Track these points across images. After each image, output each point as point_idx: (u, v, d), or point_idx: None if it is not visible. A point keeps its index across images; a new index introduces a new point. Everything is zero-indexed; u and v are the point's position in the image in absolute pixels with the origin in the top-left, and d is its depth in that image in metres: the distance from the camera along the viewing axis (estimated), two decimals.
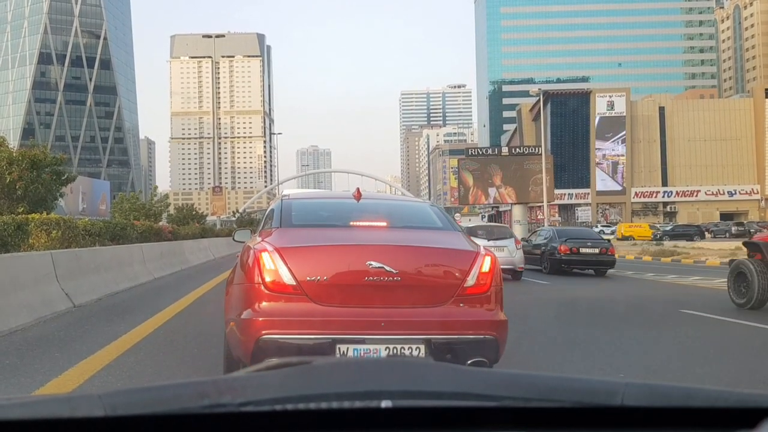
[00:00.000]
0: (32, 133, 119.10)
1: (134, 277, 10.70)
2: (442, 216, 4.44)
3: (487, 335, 3.52)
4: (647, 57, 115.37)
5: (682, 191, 75.69)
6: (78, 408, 0.86)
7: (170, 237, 18.04)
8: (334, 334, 3.35)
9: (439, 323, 3.47)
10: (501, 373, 0.89)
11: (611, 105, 75.37)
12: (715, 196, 75.91)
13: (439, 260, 3.74)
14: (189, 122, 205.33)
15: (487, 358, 3.46)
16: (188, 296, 9.61)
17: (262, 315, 3.41)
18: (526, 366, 4.96)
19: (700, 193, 75.74)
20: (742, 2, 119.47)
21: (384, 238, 3.82)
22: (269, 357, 3.21)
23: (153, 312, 7.72)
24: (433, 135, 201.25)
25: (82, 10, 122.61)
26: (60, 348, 5.54)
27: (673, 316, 8.64)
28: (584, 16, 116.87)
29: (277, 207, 4.38)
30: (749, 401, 0.97)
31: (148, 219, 25.79)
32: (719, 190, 76.27)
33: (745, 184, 77.29)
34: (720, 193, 76.23)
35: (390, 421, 0.89)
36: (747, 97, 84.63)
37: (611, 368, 5.12)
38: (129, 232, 12.87)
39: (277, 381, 0.97)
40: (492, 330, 3.54)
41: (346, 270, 3.52)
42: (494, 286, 3.66)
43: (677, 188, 75.94)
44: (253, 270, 3.51)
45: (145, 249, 12.12)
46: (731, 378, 4.93)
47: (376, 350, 3.36)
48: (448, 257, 3.77)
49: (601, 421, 0.92)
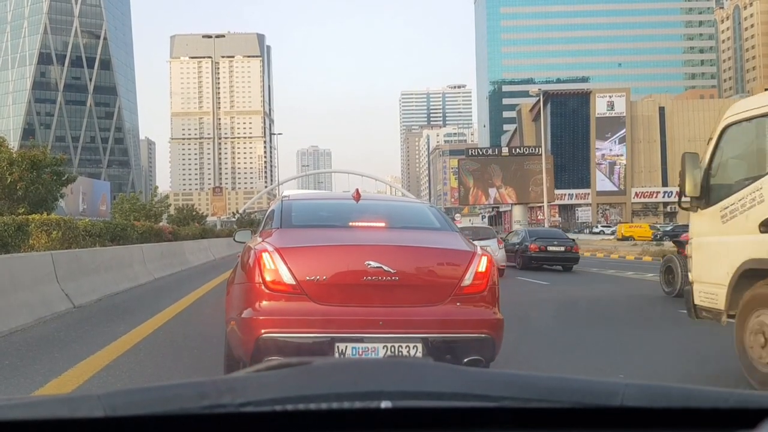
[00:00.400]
0: (32, 134, 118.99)
1: (134, 278, 10.71)
2: (440, 216, 4.51)
3: (483, 334, 3.57)
4: (647, 57, 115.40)
5: None
6: (78, 408, 0.86)
7: (170, 238, 18.07)
8: (333, 332, 3.39)
9: (437, 322, 3.52)
10: (500, 373, 0.90)
11: (611, 105, 75.37)
12: None
13: (437, 260, 3.81)
14: (189, 123, 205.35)
15: (483, 356, 3.52)
16: (188, 297, 9.62)
17: (262, 314, 3.45)
18: (526, 366, 4.96)
19: None
20: (741, 2, 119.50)
21: (382, 238, 3.88)
22: (269, 356, 3.29)
23: (153, 313, 7.71)
24: (433, 135, 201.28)
25: (82, 10, 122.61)
26: (60, 348, 5.55)
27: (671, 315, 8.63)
28: (584, 16, 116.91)
29: (278, 208, 4.44)
30: (749, 401, 0.97)
31: (149, 220, 25.77)
32: None
33: None
34: None
35: (390, 422, 0.89)
36: (747, 97, 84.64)
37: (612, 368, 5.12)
38: (129, 232, 12.88)
39: (276, 381, 0.97)
40: (488, 329, 3.59)
41: (345, 270, 3.58)
42: (490, 286, 3.72)
43: (677, 188, 75.87)
44: (253, 270, 3.56)
45: (145, 249, 12.12)
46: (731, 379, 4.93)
47: (374, 349, 3.40)
48: (445, 257, 3.84)
49: (600, 422, 0.92)
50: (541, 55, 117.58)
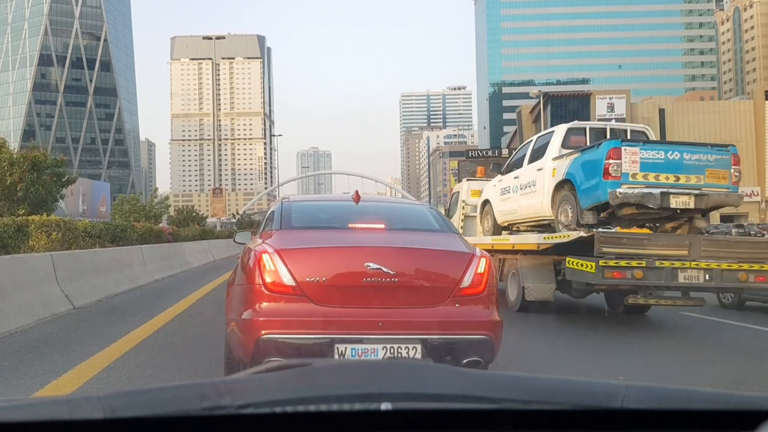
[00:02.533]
0: (33, 135, 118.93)
1: (134, 279, 10.67)
2: (439, 218, 4.55)
3: (482, 335, 3.59)
4: (647, 59, 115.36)
5: None
6: (77, 410, 0.86)
7: (170, 239, 18.06)
8: (332, 334, 3.41)
9: (436, 323, 3.53)
10: (501, 375, 0.90)
11: (611, 107, 75.28)
12: None
13: (436, 262, 3.83)
14: (189, 124, 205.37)
15: (482, 357, 3.54)
16: (188, 298, 9.62)
17: (262, 315, 3.47)
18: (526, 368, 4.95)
19: None
20: (742, 4, 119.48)
21: (382, 240, 3.90)
22: (269, 356, 3.33)
23: (153, 314, 7.70)
24: (433, 137, 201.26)
25: (83, 11, 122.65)
26: (60, 350, 5.53)
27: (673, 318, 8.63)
28: (584, 18, 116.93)
29: (277, 209, 4.46)
30: (749, 404, 0.97)
31: (148, 221, 25.71)
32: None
33: (745, 186, 76.90)
34: None
35: (390, 424, 0.89)
36: (747, 99, 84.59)
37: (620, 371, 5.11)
38: (129, 233, 12.85)
39: (276, 383, 0.97)
40: (487, 330, 3.61)
41: (344, 271, 3.60)
42: (489, 287, 3.73)
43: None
44: (253, 271, 3.57)
45: (145, 251, 12.09)
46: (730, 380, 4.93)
47: (373, 350, 3.42)
48: (444, 259, 3.85)
49: (600, 424, 0.92)
50: (542, 56, 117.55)
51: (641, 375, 4.93)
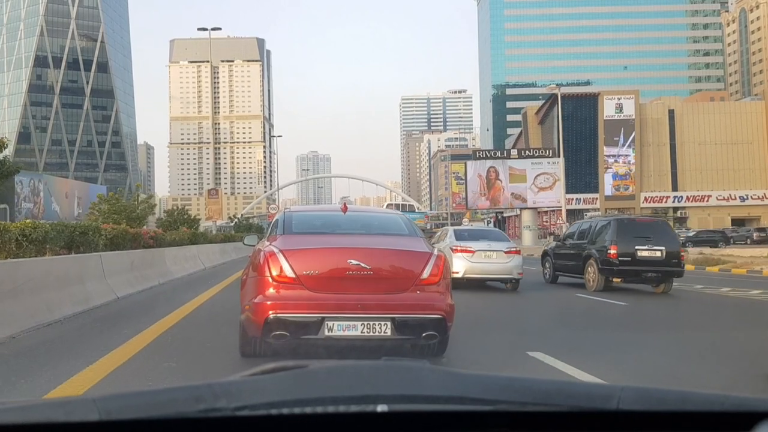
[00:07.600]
0: (28, 137, 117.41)
1: (85, 299, 8.11)
2: (408, 224, 5.70)
3: (437, 315, 4.71)
4: (652, 60, 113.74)
5: (692, 196, 73.23)
6: (73, 412, 0.86)
7: (152, 243, 15.75)
8: (323, 313, 4.54)
9: (402, 306, 4.67)
10: (497, 377, 0.91)
11: (620, 108, 73.18)
12: (726, 201, 73.37)
13: (402, 258, 4.97)
14: (188, 127, 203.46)
15: (437, 332, 4.70)
16: (156, 325, 7.22)
17: (270, 299, 4.60)
18: None
19: (711, 198, 73.19)
20: (748, 5, 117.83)
21: (361, 242, 5.08)
22: (275, 331, 4.53)
23: (90, 359, 5.16)
24: (434, 140, 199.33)
25: (79, 12, 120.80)
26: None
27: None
28: (589, 18, 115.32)
29: (281, 218, 5.56)
30: (745, 405, 0.97)
31: (131, 223, 23.02)
32: (731, 195, 73.68)
33: (756, 189, 74.91)
34: (731, 198, 73.63)
35: (386, 426, 0.89)
36: (758, 99, 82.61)
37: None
38: (93, 237, 10.34)
39: (272, 385, 0.96)
40: (441, 311, 4.73)
41: (332, 266, 4.73)
42: (444, 279, 4.88)
43: (687, 193, 73.53)
44: (263, 266, 4.71)
45: (105, 259, 9.48)
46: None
47: (354, 326, 4.53)
48: (408, 256, 4.99)
49: (597, 426, 0.92)
50: (545, 58, 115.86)
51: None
